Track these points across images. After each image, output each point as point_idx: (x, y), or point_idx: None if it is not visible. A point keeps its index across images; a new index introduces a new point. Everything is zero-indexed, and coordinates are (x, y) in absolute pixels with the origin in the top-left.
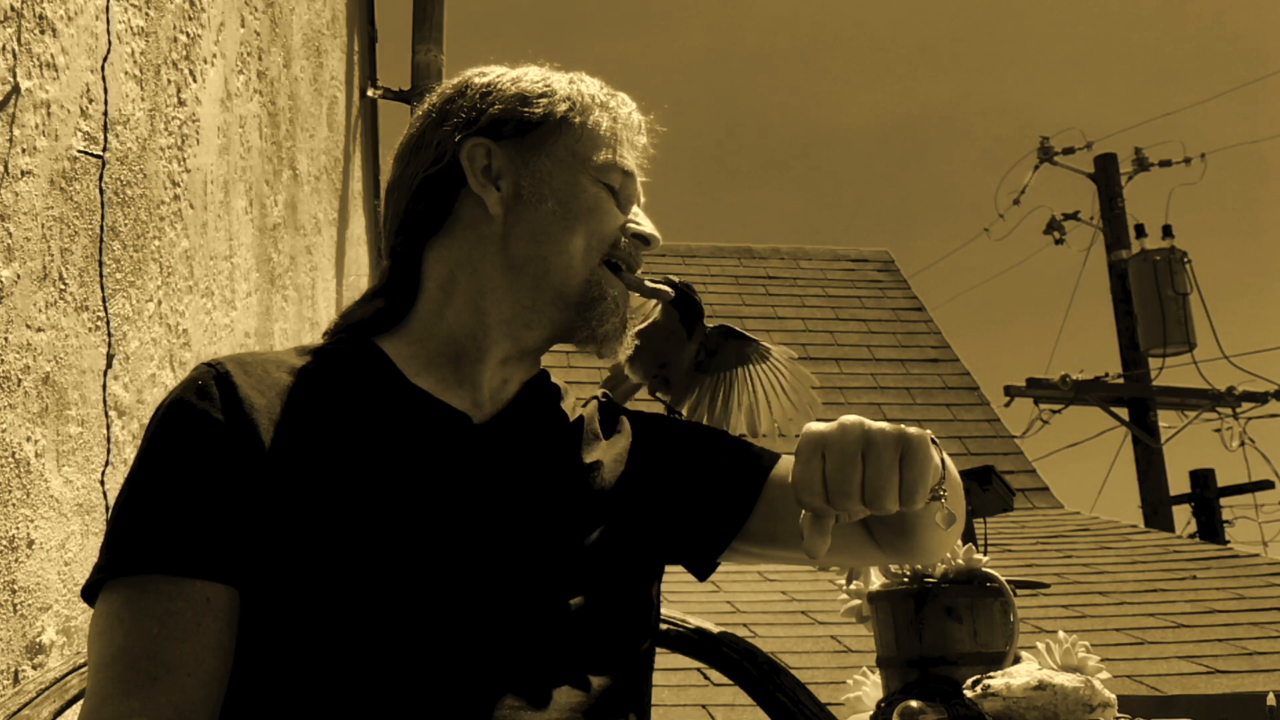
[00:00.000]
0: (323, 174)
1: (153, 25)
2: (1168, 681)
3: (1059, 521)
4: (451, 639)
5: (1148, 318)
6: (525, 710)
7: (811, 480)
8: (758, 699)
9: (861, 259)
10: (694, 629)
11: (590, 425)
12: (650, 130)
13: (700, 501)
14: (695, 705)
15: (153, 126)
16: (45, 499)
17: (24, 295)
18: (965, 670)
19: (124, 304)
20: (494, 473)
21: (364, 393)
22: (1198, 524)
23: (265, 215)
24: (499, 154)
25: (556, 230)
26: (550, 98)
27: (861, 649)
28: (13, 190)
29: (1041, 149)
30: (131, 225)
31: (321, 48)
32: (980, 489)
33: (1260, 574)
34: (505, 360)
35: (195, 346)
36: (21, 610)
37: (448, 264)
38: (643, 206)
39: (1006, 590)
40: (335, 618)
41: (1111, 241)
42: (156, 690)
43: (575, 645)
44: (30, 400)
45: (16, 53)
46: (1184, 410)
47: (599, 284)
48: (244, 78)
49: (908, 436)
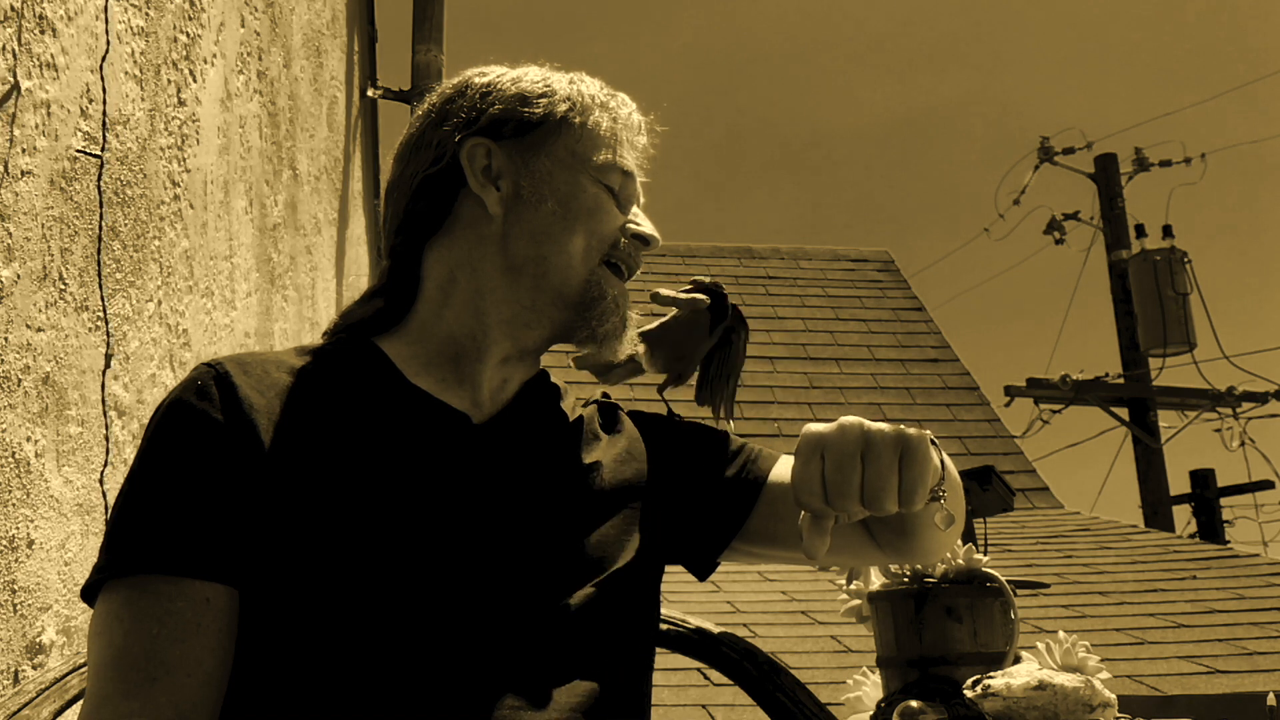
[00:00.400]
0: (323, 174)
1: (153, 25)
2: (1168, 681)
3: (1059, 521)
4: (451, 639)
5: (1148, 318)
6: (525, 710)
7: (811, 481)
8: (758, 699)
9: (861, 259)
10: (694, 629)
11: (590, 425)
12: (650, 130)
13: (700, 501)
14: (695, 705)
15: (153, 126)
16: (45, 499)
17: (24, 295)
18: (965, 670)
19: (124, 304)
20: (493, 473)
21: (364, 393)
22: (1198, 524)
23: (265, 215)
24: (499, 154)
25: (556, 230)
26: (550, 98)
27: (861, 649)
28: (13, 190)
29: (1041, 149)
30: (131, 225)
31: (321, 48)
32: (980, 489)
33: (1260, 574)
34: (505, 360)
35: (195, 346)
36: (21, 610)
37: (447, 264)
38: (643, 207)
39: (1006, 590)
40: (335, 618)
41: (1111, 241)
42: (156, 690)
43: (575, 645)
44: (30, 400)
45: (16, 53)
46: (1184, 410)
47: (598, 283)
48: (244, 78)
49: (907, 437)
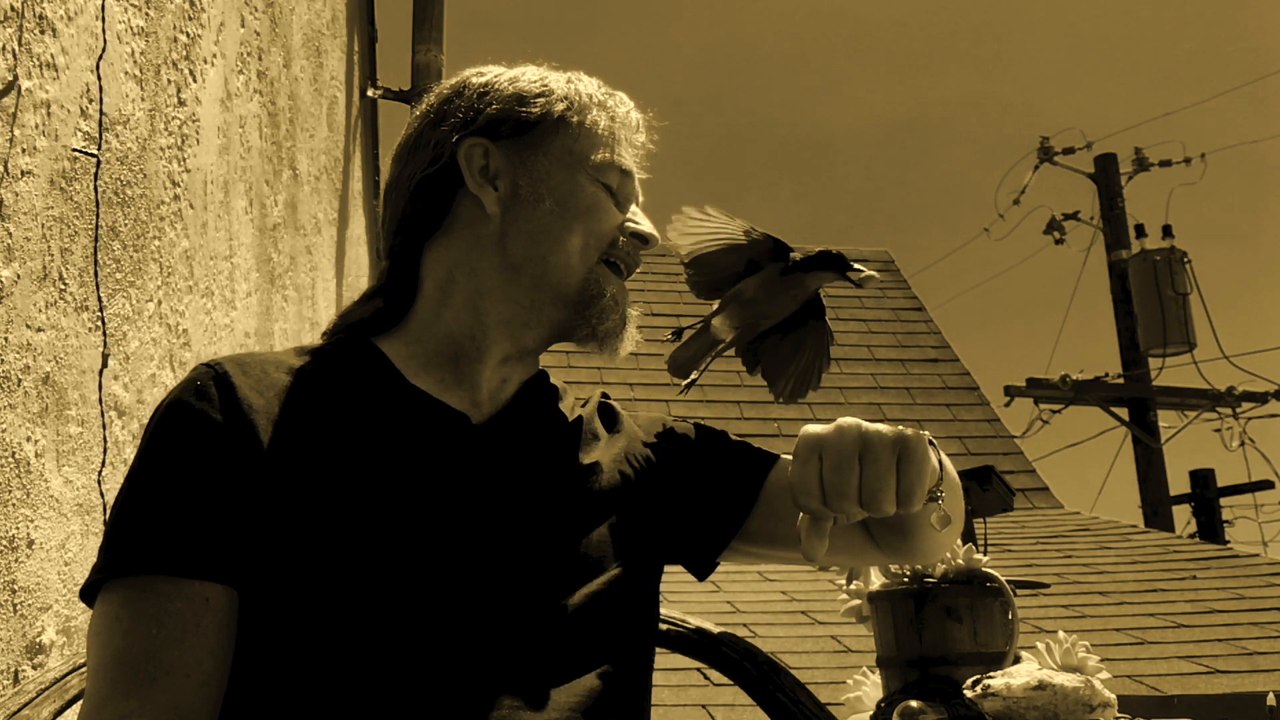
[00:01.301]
0: (323, 174)
1: (153, 25)
2: (1168, 681)
3: (1059, 521)
4: (450, 639)
5: (1148, 318)
6: (524, 710)
7: (809, 483)
8: (758, 699)
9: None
10: (694, 629)
11: (589, 425)
12: (648, 128)
13: (700, 501)
14: (695, 705)
15: (153, 126)
16: (45, 499)
17: (24, 295)
18: (965, 670)
19: (124, 304)
20: (493, 473)
21: (363, 393)
22: (1198, 524)
23: (265, 215)
24: (496, 154)
25: (555, 230)
26: (548, 97)
27: (861, 649)
28: (13, 190)
29: (1041, 149)
30: (131, 225)
31: (321, 48)
32: (980, 489)
33: (1260, 574)
34: (504, 360)
35: (195, 346)
36: (21, 610)
37: (446, 264)
38: (642, 205)
39: (1006, 590)
40: (333, 618)
41: (1111, 241)
42: (155, 691)
43: (574, 645)
44: (30, 400)
45: (16, 53)
46: (1184, 410)
47: (597, 282)
48: (244, 78)
49: (905, 438)
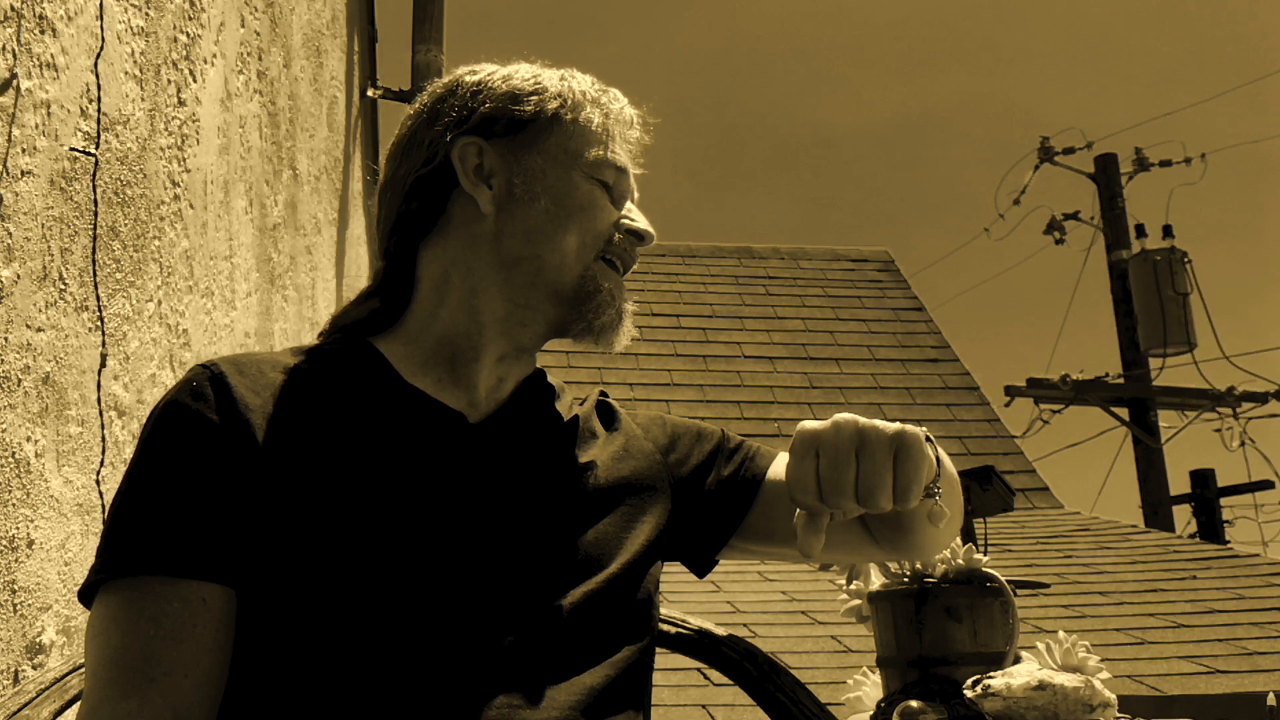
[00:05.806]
0: (323, 174)
1: (153, 25)
2: (1168, 681)
3: (1059, 521)
4: (448, 638)
5: (1148, 318)
6: (523, 709)
7: (806, 479)
8: (758, 699)
9: (861, 259)
10: (695, 629)
11: (586, 424)
12: (643, 124)
13: (699, 499)
14: (695, 705)
15: (153, 126)
16: (45, 499)
17: (24, 295)
18: (965, 670)
19: (123, 304)
20: (490, 472)
21: (360, 393)
22: (1198, 524)
23: (265, 215)
24: (490, 153)
25: (550, 228)
26: (541, 95)
27: (861, 649)
28: (13, 190)
29: (1042, 149)
30: (131, 225)
31: (321, 48)
32: (980, 489)
33: (1260, 574)
34: (501, 359)
35: (195, 346)
36: (21, 610)
37: (442, 264)
38: (638, 202)
39: (1006, 590)
40: (331, 617)
41: (1111, 241)
42: (153, 691)
43: (572, 644)
44: (30, 400)
45: (16, 53)
46: (1184, 410)
47: (593, 278)
48: (244, 78)
49: (902, 434)
